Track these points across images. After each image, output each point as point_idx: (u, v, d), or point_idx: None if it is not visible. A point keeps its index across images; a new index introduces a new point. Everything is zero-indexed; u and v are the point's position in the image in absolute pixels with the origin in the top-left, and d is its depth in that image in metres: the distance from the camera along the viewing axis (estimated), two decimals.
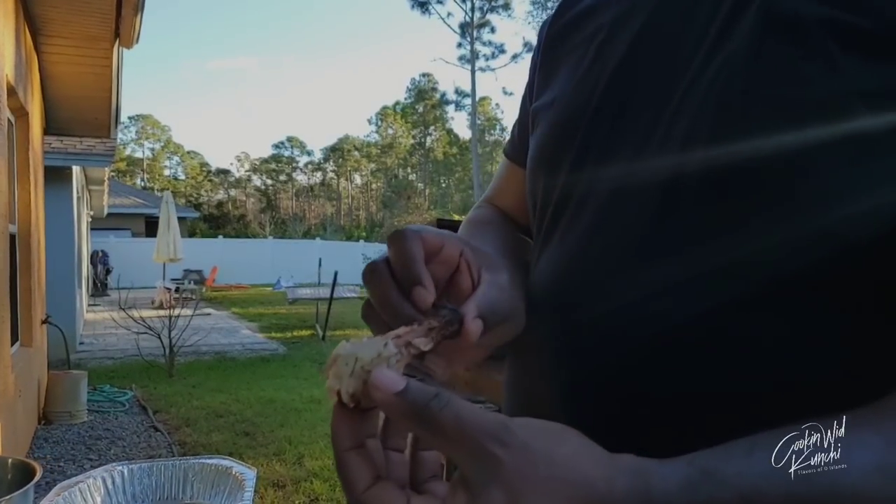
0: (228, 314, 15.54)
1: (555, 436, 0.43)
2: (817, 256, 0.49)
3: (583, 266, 0.61)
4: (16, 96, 4.61)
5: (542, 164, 0.70)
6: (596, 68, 0.67)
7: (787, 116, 0.50)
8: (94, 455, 4.88)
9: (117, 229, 25.25)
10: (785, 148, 0.50)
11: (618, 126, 0.62)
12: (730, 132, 0.52)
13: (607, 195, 0.60)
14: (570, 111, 0.68)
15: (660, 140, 0.57)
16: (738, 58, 0.54)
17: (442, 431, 0.40)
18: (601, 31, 0.68)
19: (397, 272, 0.51)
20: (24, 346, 5.23)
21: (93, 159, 9.57)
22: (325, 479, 4.40)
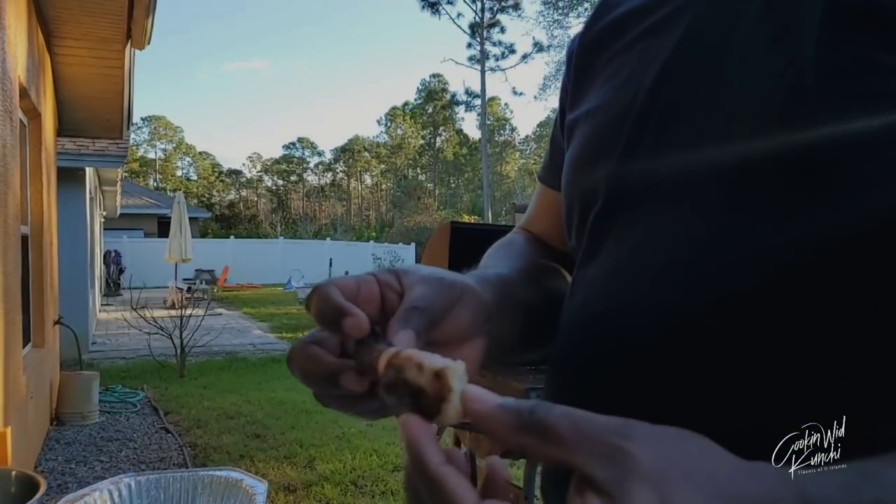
0: (240, 314, 15.56)
1: (679, 433, 0.39)
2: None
3: (644, 271, 0.57)
4: (28, 98, 4.61)
5: (581, 172, 0.68)
6: (637, 74, 0.64)
7: (866, 109, 0.47)
8: (105, 457, 4.87)
9: (130, 229, 25.37)
10: (863, 142, 0.47)
11: (667, 127, 0.59)
12: (801, 125, 0.50)
13: (666, 197, 0.57)
14: (611, 117, 0.65)
15: (719, 137, 0.55)
16: (808, 49, 0.51)
17: (557, 436, 0.37)
18: (640, 39, 0.66)
19: (322, 319, 0.49)
20: (36, 347, 5.23)
21: (106, 160, 9.59)
22: (336, 483, 4.37)
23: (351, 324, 0.47)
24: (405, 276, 0.55)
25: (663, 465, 0.36)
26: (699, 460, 0.38)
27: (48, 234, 5.76)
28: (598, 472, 0.36)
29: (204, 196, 60.92)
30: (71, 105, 7.06)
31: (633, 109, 0.62)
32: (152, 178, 61.60)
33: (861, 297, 0.47)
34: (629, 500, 0.35)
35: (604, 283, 0.61)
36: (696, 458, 0.38)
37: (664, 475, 0.36)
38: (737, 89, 0.55)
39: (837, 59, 0.49)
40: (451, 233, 2.76)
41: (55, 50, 5.74)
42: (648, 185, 0.59)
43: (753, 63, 0.54)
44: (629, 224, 0.60)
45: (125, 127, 7.76)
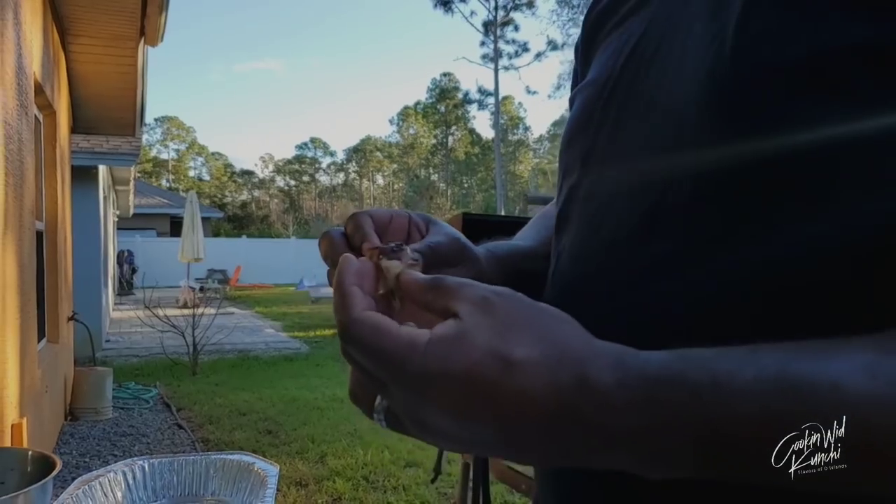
0: (252, 313, 15.63)
1: (546, 306, 0.45)
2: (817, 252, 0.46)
3: (588, 255, 0.61)
4: (43, 94, 4.64)
5: (565, 145, 0.71)
6: (616, 53, 0.66)
7: (775, 82, 0.47)
8: (119, 451, 4.90)
9: (143, 229, 25.53)
10: (776, 118, 0.47)
11: (626, 106, 0.61)
12: (720, 98, 0.50)
13: (609, 187, 0.61)
14: (593, 93, 0.67)
15: (659, 117, 0.56)
16: (732, 19, 0.51)
17: (448, 289, 0.45)
18: (626, 16, 0.68)
19: (350, 236, 0.58)
20: (50, 342, 5.27)
21: (119, 159, 9.65)
22: (347, 479, 4.37)
23: (367, 248, 0.54)
24: (432, 224, 0.64)
25: (516, 311, 0.43)
26: (551, 316, 0.44)
27: (62, 230, 5.80)
28: (462, 308, 0.43)
29: (216, 196, 61.22)
30: (85, 102, 7.12)
31: (607, 88, 0.64)
32: (165, 179, 61.97)
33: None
34: (470, 324, 0.42)
35: (568, 255, 0.65)
36: (550, 314, 0.44)
37: (513, 317, 0.42)
38: (679, 65, 0.55)
39: (754, 28, 0.49)
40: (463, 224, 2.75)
41: (69, 47, 5.78)
42: (604, 162, 0.63)
43: (695, 38, 0.55)
44: (589, 199, 0.63)
45: (138, 125, 7.81)
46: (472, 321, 0.42)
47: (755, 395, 0.38)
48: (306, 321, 13.83)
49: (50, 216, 5.42)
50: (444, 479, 4.27)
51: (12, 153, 3.23)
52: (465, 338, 0.41)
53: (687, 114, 0.53)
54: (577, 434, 0.40)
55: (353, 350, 0.44)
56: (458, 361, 0.40)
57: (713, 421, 0.38)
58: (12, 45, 3.26)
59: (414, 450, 4.97)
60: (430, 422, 0.42)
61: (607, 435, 0.40)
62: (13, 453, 1.41)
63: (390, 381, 0.43)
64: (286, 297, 19.65)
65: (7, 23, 3.12)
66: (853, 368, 0.38)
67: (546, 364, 0.40)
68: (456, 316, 0.43)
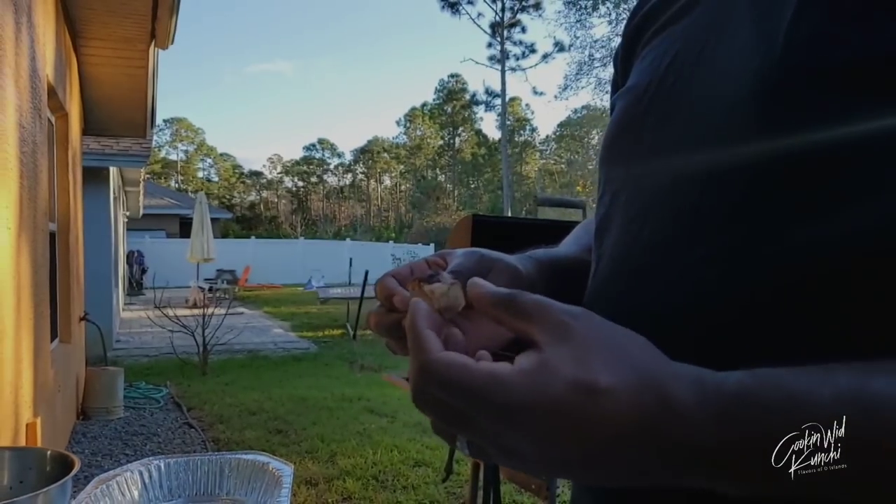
0: (261, 313, 15.68)
1: (619, 327, 0.47)
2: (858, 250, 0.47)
3: (633, 255, 0.62)
4: (56, 97, 4.68)
5: (605, 156, 0.72)
6: (657, 60, 0.67)
7: (823, 82, 0.49)
8: (130, 451, 4.94)
9: (152, 230, 25.64)
10: (822, 116, 0.49)
11: (669, 115, 0.62)
12: (773, 103, 0.52)
13: (653, 189, 0.62)
14: (633, 100, 0.68)
15: (701, 125, 0.58)
16: (781, 26, 0.53)
17: (525, 312, 0.47)
18: (666, 25, 0.69)
19: (382, 299, 0.63)
20: (62, 342, 5.31)
21: (129, 160, 9.72)
22: (357, 478, 4.39)
23: (398, 300, 0.60)
24: (449, 255, 0.66)
25: (594, 337, 0.44)
26: (628, 340, 0.46)
27: (74, 231, 5.84)
28: (542, 337, 0.45)
29: (225, 197, 61.42)
30: (96, 104, 7.16)
31: (648, 93, 0.65)
32: (174, 180, 62.21)
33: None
34: (552, 354, 0.43)
35: (609, 257, 0.66)
36: (626, 338, 0.46)
37: (591, 344, 0.44)
38: (724, 67, 0.57)
39: (805, 30, 0.51)
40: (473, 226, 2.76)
41: (81, 50, 5.83)
42: (647, 165, 0.63)
43: (741, 41, 0.56)
44: (632, 202, 0.64)
45: (149, 126, 7.85)
46: (553, 351, 0.43)
47: (834, 415, 0.40)
48: (315, 321, 13.87)
49: (62, 217, 5.46)
50: (453, 478, 4.29)
51: (27, 156, 3.26)
52: (548, 369, 0.43)
53: (734, 113, 0.54)
54: (659, 454, 0.42)
55: (434, 388, 0.45)
56: (545, 394, 0.42)
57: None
58: (26, 49, 3.29)
59: (423, 449, 4.99)
60: (515, 449, 0.44)
61: (688, 453, 0.42)
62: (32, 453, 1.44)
63: (475, 414, 0.44)
64: (294, 297, 19.70)
65: (21, 27, 3.16)
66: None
67: (628, 389, 0.42)
68: (536, 344, 0.45)
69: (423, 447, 5.03)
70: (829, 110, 0.48)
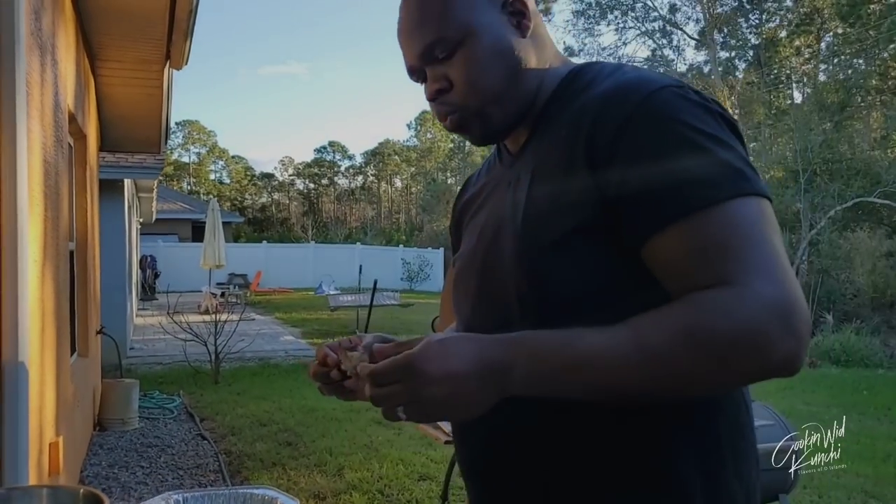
0: (272, 319, 15.87)
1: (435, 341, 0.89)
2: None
3: (474, 326, 1.14)
4: (75, 122, 4.87)
5: (452, 299, 1.24)
6: (473, 237, 1.18)
7: (543, 248, 1.00)
8: (146, 462, 5.11)
9: (165, 234, 25.91)
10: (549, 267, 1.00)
11: (483, 270, 1.12)
12: (519, 253, 1.03)
13: (474, 304, 1.13)
14: (463, 264, 1.20)
15: (494, 275, 1.08)
16: (518, 215, 1.05)
17: (384, 376, 0.86)
18: (476, 213, 1.21)
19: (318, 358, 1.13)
20: (81, 356, 5.49)
21: (144, 172, 9.92)
22: (364, 492, 4.54)
23: (330, 360, 1.08)
24: (374, 335, 1.18)
25: (434, 353, 0.87)
26: (461, 340, 0.90)
27: (91, 248, 6.03)
28: (400, 378, 0.86)
29: (236, 199, 61.81)
30: (112, 123, 7.36)
31: (473, 257, 1.15)
32: (186, 182, 62.64)
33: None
34: (419, 375, 0.85)
35: (462, 325, 1.23)
36: (459, 340, 0.90)
37: (437, 356, 0.86)
38: (503, 241, 1.07)
39: (530, 216, 1.03)
40: None
41: (98, 71, 6.01)
42: (477, 297, 1.13)
43: (506, 224, 1.07)
44: (461, 314, 1.19)
45: (163, 142, 8.04)
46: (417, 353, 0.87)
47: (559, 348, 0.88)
48: (325, 328, 14.04)
49: (80, 235, 5.64)
50: (455, 491, 4.43)
51: (50, 188, 3.43)
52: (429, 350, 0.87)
53: (510, 267, 1.03)
54: (495, 378, 0.86)
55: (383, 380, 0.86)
56: (432, 364, 0.85)
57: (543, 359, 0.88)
58: (50, 86, 3.47)
59: (428, 463, 5.14)
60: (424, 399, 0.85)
61: (500, 375, 0.86)
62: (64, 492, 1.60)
63: (405, 384, 0.85)
64: (306, 301, 19.91)
65: (46, 66, 3.33)
66: (618, 342, 0.86)
67: (465, 357, 0.87)
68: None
69: (427, 460, 5.18)
70: (550, 261, 0.98)
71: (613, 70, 1.05)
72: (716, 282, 0.84)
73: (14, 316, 2.34)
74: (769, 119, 28.36)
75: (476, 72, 1.04)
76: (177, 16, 4.65)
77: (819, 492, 4.66)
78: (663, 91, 0.93)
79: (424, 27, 1.06)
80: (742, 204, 0.87)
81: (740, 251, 0.84)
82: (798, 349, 0.81)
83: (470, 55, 1.04)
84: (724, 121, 0.94)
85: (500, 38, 1.05)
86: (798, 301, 0.82)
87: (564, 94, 1.07)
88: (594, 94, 1.00)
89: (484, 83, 1.04)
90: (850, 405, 7.67)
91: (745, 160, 0.91)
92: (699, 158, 0.88)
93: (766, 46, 29.48)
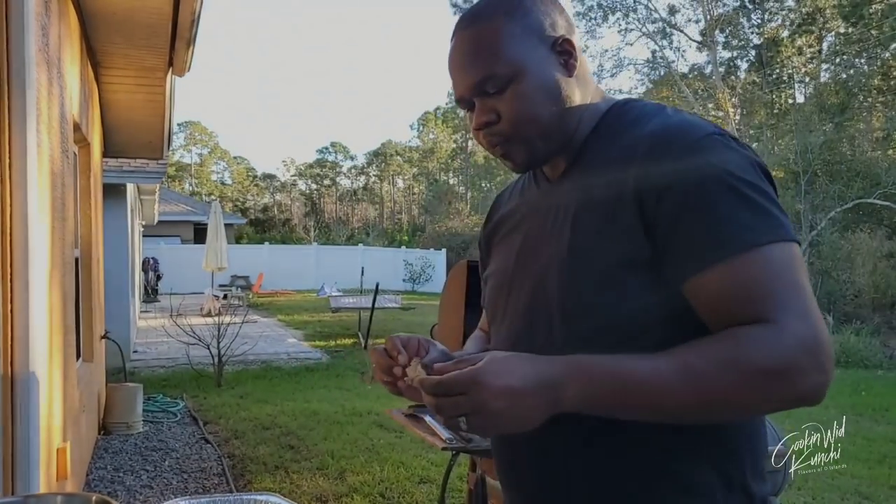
0: (275, 321, 15.94)
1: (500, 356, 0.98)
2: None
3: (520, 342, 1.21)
4: (80, 130, 4.93)
5: (489, 309, 1.33)
6: (510, 254, 1.26)
7: (589, 277, 1.08)
8: (150, 466, 5.18)
9: (167, 236, 25.99)
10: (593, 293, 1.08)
11: (517, 288, 1.22)
12: (566, 282, 1.10)
13: (509, 317, 1.23)
14: (499, 279, 1.29)
15: (538, 298, 1.16)
16: (563, 246, 1.12)
17: (451, 387, 0.95)
18: (509, 234, 1.30)
19: (389, 350, 1.17)
20: (85, 361, 5.56)
21: (146, 177, 10.00)
22: (365, 495, 4.61)
23: (402, 358, 1.15)
24: (430, 344, 1.19)
25: (497, 369, 0.93)
26: (520, 359, 0.97)
27: (96, 254, 6.10)
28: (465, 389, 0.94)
29: (238, 200, 61.88)
30: (115, 128, 7.43)
31: (506, 274, 1.26)
32: (188, 183, 62.75)
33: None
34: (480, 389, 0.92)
35: (503, 342, 1.28)
36: (519, 359, 0.97)
37: (500, 372, 0.93)
38: (543, 263, 1.16)
39: (577, 247, 1.10)
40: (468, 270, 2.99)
41: (102, 79, 6.07)
42: (514, 312, 1.22)
43: (551, 249, 1.16)
44: (501, 331, 1.26)
45: (165, 147, 8.11)
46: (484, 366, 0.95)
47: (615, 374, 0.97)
48: (327, 330, 14.11)
49: (84, 242, 5.71)
50: (455, 494, 4.50)
51: (57, 199, 3.50)
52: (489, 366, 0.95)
53: (554, 291, 1.12)
54: (551, 396, 0.94)
55: (450, 391, 0.94)
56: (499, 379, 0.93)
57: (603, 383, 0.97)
58: (57, 99, 3.54)
59: (428, 466, 5.20)
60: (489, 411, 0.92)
61: (557, 392, 0.95)
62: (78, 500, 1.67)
63: (470, 396, 0.92)
64: (308, 303, 19.97)
65: (52, 80, 3.40)
66: (670, 369, 0.95)
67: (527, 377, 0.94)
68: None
69: (428, 463, 5.24)
70: (595, 292, 1.07)
71: (657, 111, 1.13)
72: (755, 319, 0.95)
73: (25, 327, 2.41)
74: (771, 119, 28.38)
75: (525, 108, 1.11)
76: (179, 25, 4.71)
77: (813, 493, 4.72)
78: (709, 138, 1.03)
79: (477, 62, 1.12)
80: (778, 249, 0.97)
81: (777, 292, 0.95)
82: (825, 382, 0.94)
83: (520, 92, 1.10)
84: (759, 168, 1.04)
85: (549, 77, 1.12)
86: (826, 340, 0.94)
87: (607, 129, 1.16)
88: (641, 133, 1.08)
89: (532, 119, 1.12)
90: (848, 406, 7.73)
91: (779, 206, 1.01)
92: (741, 205, 0.98)
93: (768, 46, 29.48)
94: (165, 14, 4.46)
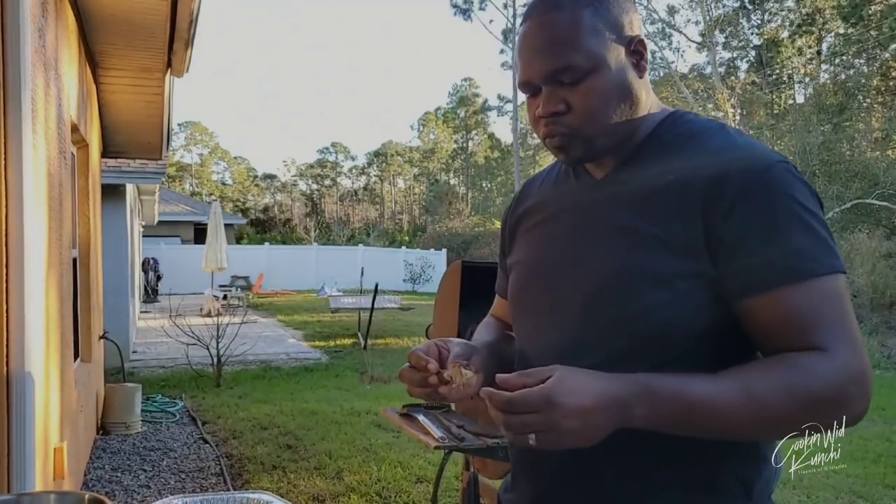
0: (274, 322, 15.95)
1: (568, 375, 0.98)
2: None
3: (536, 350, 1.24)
4: (78, 131, 4.95)
5: (517, 297, 1.31)
6: (543, 244, 1.27)
7: (639, 285, 1.10)
8: (148, 466, 5.20)
9: (167, 236, 26.01)
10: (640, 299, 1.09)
11: (552, 283, 1.22)
12: (616, 283, 1.12)
13: (549, 309, 1.21)
14: (532, 266, 1.28)
15: (584, 296, 1.16)
16: (612, 244, 1.13)
17: (522, 405, 0.94)
18: (540, 223, 1.29)
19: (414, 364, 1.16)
20: (84, 361, 5.58)
21: (145, 177, 10.02)
22: (362, 494, 4.63)
23: (432, 366, 1.14)
24: (448, 342, 1.22)
25: (570, 388, 0.94)
26: (589, 378, 0.98)
27: (94, 254, 6.11)
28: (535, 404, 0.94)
29: (239, 200, 61.93)
30: (114, 129, 7.44)
31: (542, 268, 1.25)
32: (188, 183, 62.80)
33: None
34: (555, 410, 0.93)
35: (521, 352, 1.28)
36: (588, 377, 0.98)
37: (573, 391, 0.94)
38: (585, 264, 1.17)
39: (627, 254, 1.12)
40: (462, 271, 3.01)
41: (101, 80, 6.09)
42: (541, 310, 1.23)
43: (589, 246, 1.17)
44: (535, 323, 1.25)
45: (164, 148, 8.13)
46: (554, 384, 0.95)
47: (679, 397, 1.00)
48: (327, 330, 14.13)
49: (83, 242, 5.73)
50: (449, 493, 4.52)
51: (54, 199, 3.52)
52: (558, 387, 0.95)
53: (599, 290, 1.13)
54: (619, 416, 0.96)
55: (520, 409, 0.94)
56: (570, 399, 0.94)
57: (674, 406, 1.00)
58: (54, 100, 3.55)
59: (425, 465, 5.22)
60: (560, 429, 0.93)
61: (625, 410, 0.97)
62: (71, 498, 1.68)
63: (543, 414, 0.93)
64: (308, 303, 19.99)
65: (50, 82, 3.41)
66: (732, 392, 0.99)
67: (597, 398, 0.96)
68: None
69: (425, 463, 5.26)
70: (643, 297, 1.08)
71: (719, 129, 1.16)
72: (809, 346, 1.00)
73: (21, 327, 2.43)
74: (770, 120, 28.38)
75: (598, 104, 1.11)
76: (178, 25, 4.73)
77: (808, 492, 4.73)
78: (778, 166, 1.06)
79: (557, 50, 1.10)
80: (834, 280, 1.02)
81: (830, 322, 1.01)
82: (867, 408, 1.02)
83: (595, 87, 1.10)
84: (817, 197, 1.08)
85: (624, 76, 1.13)
86: (870, 369, 1.03)
87: (663, 137, 1.17)
88: (708, 148, 1.12)
89: (603, 115, 1.12)
90: None
91: (832, 236, 1.06)
92: (804, 233, 1.02)
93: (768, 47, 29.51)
94: (163, 15, 4.48)
